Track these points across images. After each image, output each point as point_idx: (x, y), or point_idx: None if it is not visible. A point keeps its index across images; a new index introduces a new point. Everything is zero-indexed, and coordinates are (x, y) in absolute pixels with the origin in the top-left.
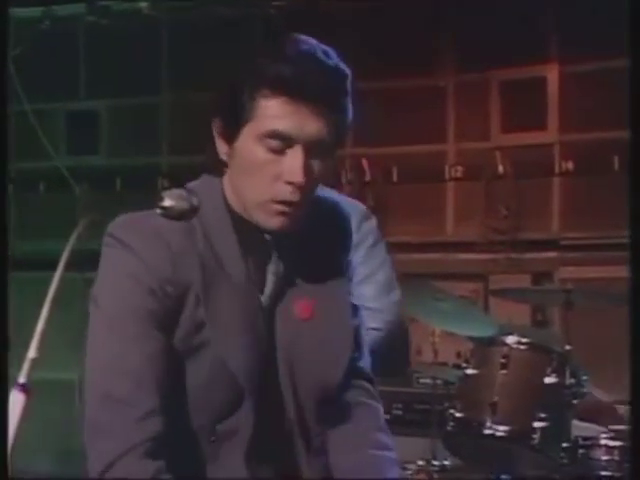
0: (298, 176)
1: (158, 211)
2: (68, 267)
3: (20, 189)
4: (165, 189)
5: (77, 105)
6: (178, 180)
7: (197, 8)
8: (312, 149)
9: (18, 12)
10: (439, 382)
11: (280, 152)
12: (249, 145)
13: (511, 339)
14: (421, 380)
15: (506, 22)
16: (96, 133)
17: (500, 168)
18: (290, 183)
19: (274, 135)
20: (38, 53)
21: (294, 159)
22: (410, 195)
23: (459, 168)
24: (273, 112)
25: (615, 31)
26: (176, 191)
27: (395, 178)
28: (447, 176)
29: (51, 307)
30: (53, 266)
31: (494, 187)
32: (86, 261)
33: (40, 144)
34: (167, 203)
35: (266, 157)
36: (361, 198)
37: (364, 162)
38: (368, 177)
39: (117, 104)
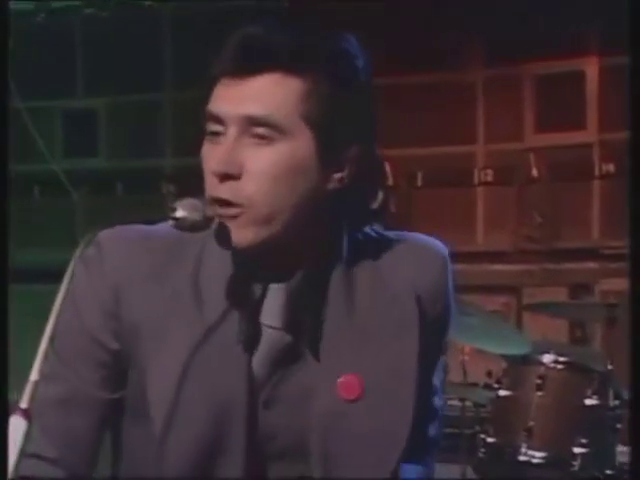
0: (218, 163)
1: (170, 222)
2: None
3: (13, 194)
4: (169, 192)
5: (74, 103)
6: (183, 184)
7: None
8: (255, 132)
9: (11, 4)
10: (469, 404)
11: (219, 142)
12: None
13: (547, 358)
14: (449, 402)
15: (540, 10)
16: (95, 133)
17: (534, 171)
18: (214, 174)
19: (208, 118)
20: (32, 48)
21: (222, 144)
22: (436, 201)
23: (489, 171)
24: (212, 95)
25: None
26: (190, 201)
27: (420, 182)
28: (476, 180)
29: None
30: (47, 278)
31: (527, 192)
32: None
33: (35, 145)
34: (179, 214)
35: (206, 149)
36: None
37: (387, 165)
38: (390, 181)
39: (117, 102)
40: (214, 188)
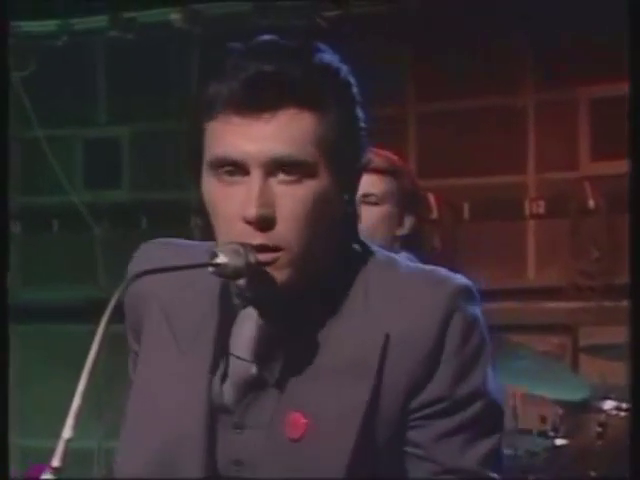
0: (250, 210)
1: (210, 269)
2: (90, 320)
3: (30, 227)
4: (197, 227)
5: (96, 132)
6: None
7: (234, 20)
8: (281, 172)
9: (31, 26)
10: (521, 453)
11: (237, 183)
12: (205, 182)
13: (608, 404)
14: None
15: (596, 28)
16: (118, 164)
17: (590, 202)
18: (248, 222)
19: (221, 163)
20: (53, 73)
21: (248, 189)
22: (484, 235)
23: (541, 202)
24: (218, 135)
25: None
26: (231, 246)
27: (467, 215)
28: (527, 212)
29: (83, 372)
30: (67, 317)
31: (583, 224)
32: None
33: (54, 176)
34: (221, 260)
35: (220, 192)
36: (426, 240)
37: (430, 197)
38: (435, 214)
39: (141, 131)
40: (246, 234)
